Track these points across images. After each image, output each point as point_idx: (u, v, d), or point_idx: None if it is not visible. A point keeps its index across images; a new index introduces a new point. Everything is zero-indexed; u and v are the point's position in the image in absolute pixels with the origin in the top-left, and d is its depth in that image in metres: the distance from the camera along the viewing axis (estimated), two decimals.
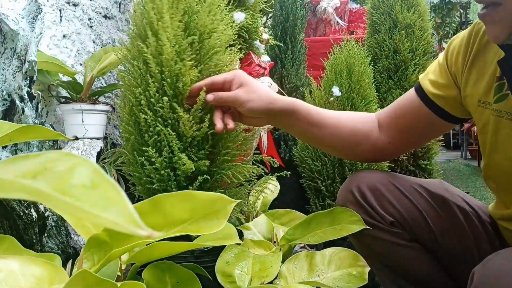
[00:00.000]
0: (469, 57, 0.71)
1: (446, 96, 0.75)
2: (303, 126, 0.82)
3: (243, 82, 0.78)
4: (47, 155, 0.32)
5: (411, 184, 0.82)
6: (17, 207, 0.79)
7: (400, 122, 0.82)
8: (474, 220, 0.79)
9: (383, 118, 0.84)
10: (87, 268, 0.59)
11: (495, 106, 0.66)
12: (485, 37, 0.68)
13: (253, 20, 1.46)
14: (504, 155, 0.68)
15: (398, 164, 1.89)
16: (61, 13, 1.32)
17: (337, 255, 0.87)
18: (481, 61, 0.69)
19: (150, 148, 0.83)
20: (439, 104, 0.76)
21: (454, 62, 0.74)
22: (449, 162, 4.77)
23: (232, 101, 0.77)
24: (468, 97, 0.72)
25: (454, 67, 0.74)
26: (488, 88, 0.67)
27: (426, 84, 0.78)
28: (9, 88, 0.81)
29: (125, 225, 0.25)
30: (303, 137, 0.94)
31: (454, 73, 0.74)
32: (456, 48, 0.74)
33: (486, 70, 0.68)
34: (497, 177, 0.73)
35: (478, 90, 0.69)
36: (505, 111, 0.64)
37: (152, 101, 0.83)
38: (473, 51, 0.70)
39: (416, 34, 2.03)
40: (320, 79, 1.58)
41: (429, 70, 0.80)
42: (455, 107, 0.76)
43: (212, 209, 0.65)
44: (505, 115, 0.65)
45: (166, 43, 0.81)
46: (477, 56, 0.69)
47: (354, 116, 0.87)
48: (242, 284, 0.78)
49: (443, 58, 0.77)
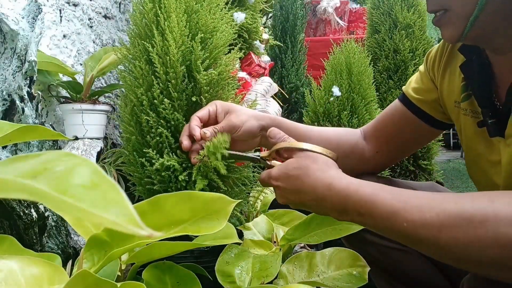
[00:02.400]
0: (442, 61, 0.76)
1: (429, 99, 0.79)
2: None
3: (228, 109, 0.77)
4: (47, 155, 0.32)
5: (403, 188, 0.83)
6: (17, 207, 0.79)
7: (387, 130, 0.84)
8: None
9: (369, 130, 0.87)
10: (87, 268, 0.59)
11: (462, 105, 0.71)
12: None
13: (253, 20, 1.46)
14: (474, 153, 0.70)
15: (398, 164, 1.89)
16: (61, 13, 1.32)
17: (337, 255, 0.87)
18: (453, 64, 0.73)
19: (150, 150, 0.83)
20: (423, 108, 0.79)
21: (431, 67, 0.78)
22: (449, 162, 4.77)
23: (229, 129, 0.76)
24: (445, 99, 0.76)
25: (431, 72, 0.78)
26: (458, 88, 0.72)
27: (409, 92, 0.81)
28: (9, 88, 0.81)
29: (125, 225, 0.25)
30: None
31: (432, 78, 0.79)
32: (433, 54, 0.79)
33: (456, 72, 0.72)
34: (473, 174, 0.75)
35: (452, 91, 0.73)
36: (470, 109, 0.69)
37: (155, 102, 0.83)
38: (445, 56, 0.75)
39: (416, 34, 2.03)
40: (320, 79, 1.59)
41: (411, 80, 0.84)
42: (437, 110, 0.79)
43: (212, 209, 0.65)
44: (470, 113, 0.69)
45: (172, 43, 0.81)
46: (449, 60, 0.74)
47: (338, 130, 0.89)
48: (242, 284, 0.78)
49: (424, 66, 0.81)
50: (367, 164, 0.86)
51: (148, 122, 0.84)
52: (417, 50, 2.02)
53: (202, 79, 0.83)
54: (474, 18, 0.56)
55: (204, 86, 0.84)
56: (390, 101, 2.01)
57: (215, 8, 0.90)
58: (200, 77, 0.83)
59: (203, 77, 0.83)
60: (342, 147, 0.84)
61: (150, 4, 0.86)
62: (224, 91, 0.90)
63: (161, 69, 0.82)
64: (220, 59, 0.89)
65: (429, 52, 0.81)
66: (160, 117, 0.83)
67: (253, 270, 0.81)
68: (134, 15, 0.90)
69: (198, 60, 0.83)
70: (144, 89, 0.84)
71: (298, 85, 2.22)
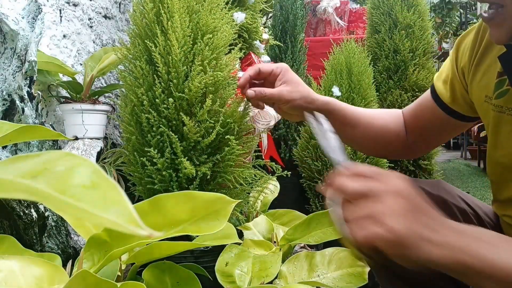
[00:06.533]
0: (476, 53, 0.71)
1: (458, 95, 0.76)
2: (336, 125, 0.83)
3: (287, 79, 0.77)
4: (47, 155, 0.32)
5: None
6: (17, 207, 0.79)
7: (419, 123, 0.84)
8: (474, 221, 0.78)
9: (407, 118, 0.86)
10: (87, 268, 0.59)
11: (495, 102, 0.66)
12: None
13: (253, 20, 1.46)
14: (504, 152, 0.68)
15: (398, 164, 1.89)
16: (61, 13, 1.32)
17: (337, 255, 0.87)
18: (488, 57, 0.69)
19: (152, 148, 0.82)
20: (454, 108, 0.78)
21: (461, 58, 0.75)
22: (449, 162, 4.77)
23: (276, 99, 0.77)
24: (474, 93, 0.72)
25: (462, 63, 0.74)
26: (492, 83, 0.67)
27: (439, 87, 0.79)
28: (9, 88, 0.81)
29: (125, 225, 0.25)
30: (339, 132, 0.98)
31: (462, 69, 0.75)
32: (468, 44, 0.74)
33: (492, 65, 0.68)
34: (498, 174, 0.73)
35: (485, 85, 0.69)
36: (506, 107, 0.64)
37: (157, 101, 0.83)
38: (481, 48, 0.70)
39: (416, 34, 2.03)
40: (320, 79, 1.59)
41: (442, 70, 0.81)
42: (466, 107, 0.77)
43: (212, 209, 0.65)
44: (506, 110, 0.64)
45: (175, 43, 0.81)
46: (485, 52, 0.69)
47: (386, 116, 0.88)
48: (242, 284, 0.78)
49: (453, 54, 0.77)
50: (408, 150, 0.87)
51: (148, 121, 0.84)
52: (417, 50, 2.02)
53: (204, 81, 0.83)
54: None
55: (209, 87, 0.84)
56: (390, 101, 2.01)
57: (216, 8, 0.90)
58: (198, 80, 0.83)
59: (209, 78, 0.83)
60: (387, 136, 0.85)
61: (151, 4, 0.86)
62: (224, 91, 0.90)
63: (163, 68, 0.82)
64: (221, 59, 0.89)
65: (461, 39, 0.75)
66: (161, 116, 0.83)
67: (253, 270, 0.81)
68: (134, 15, 0.90)
69: (205, 60, 0.83)
70: (145, 89, 0.84)
71: None
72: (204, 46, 0.84)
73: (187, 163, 0.81)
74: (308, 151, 1.50)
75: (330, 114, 0.80)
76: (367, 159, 1.44)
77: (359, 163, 1.40)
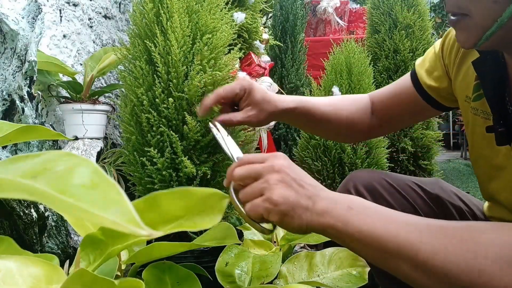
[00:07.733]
0: (458, 54, 0.73)
1: (440, 87, 0.77)
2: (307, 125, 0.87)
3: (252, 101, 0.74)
4: (47, 155, 0.32)
5: (408, 183, 0.82)
6: (17, 207, 0.79)
7: (393, 109, 0.85)
8: (469, 218, 0.79)
9: (377, 103, 0.87)
10: (84, 267, 0.59)
11: (473, 104, 0.69)
12: None
13: (253, 20, 1.46)
14: (478, 153, 0.70)
15: (398, 164, 1.89)
16: (61, 13, 1.32)
17: (337, 255, 0.87)
18: (469, 59, 0.70)
19: (152, 148, 0.82)
20: (433, 95, 0.79)
21: (448, 54, 0.75)
22: (449, 162, 4.77)
23: (246, 124, 0.75)
24: (457, 90, 0.74)
25: (447, 60, 0.75)
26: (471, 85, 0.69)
27: (422, 75, 0.80)
28: (9, 88, 0.81)
29: (125, 225, 0.25)
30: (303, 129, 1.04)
31: (447, 65, 0.76)
32: (451, 41, 0.75)
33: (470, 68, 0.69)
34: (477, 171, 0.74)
35: (466, 86, 0.71)
36: (481, 110, 0.67)
37: (156, 101, 0.83)
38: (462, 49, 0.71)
39: (416, 34, 2.03)
40: (320, 79, 1.58)
41: (426, 58, 0.81)
42: (446, 98, 0.78)
43: (207, 204, 0.65)
44: (480, 113, 0.67)
45: (174, 43, 0.81)
46: (466, 54, 0.71)
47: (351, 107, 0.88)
48: (242, 284, 0.78)
49: (439, 48, 0.77)
50: (369, 134, 0.90)
51: (148, 121, 0.84)
52: (417, 50, 2.02)
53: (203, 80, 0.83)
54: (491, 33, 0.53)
55: (208, 86, 0.84)
56: None
57: (215, 8, 0.90)
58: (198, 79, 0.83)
59: (208, 77, 0.83)
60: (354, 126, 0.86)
61: (150, 4, 0.86)
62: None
63: (162, 68, 0.82)
64: (220, 59, 0.89)
65: (447, 34, 0.76)
66: (161, 116, 0.83)
67: (253, 270, 0.81)
68: (134, 15, 0.90)
69: (204, 60, 0.83)
70: (145, 89, 0.84)
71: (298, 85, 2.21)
72: (203, 46, 0.84)
73: (188, 162, 0.81)
74: (308, 151, 1.50)
75: (299, 118, 0.81)
76: (367, 159, 1.44)
77: (359, 163, 1.40)
